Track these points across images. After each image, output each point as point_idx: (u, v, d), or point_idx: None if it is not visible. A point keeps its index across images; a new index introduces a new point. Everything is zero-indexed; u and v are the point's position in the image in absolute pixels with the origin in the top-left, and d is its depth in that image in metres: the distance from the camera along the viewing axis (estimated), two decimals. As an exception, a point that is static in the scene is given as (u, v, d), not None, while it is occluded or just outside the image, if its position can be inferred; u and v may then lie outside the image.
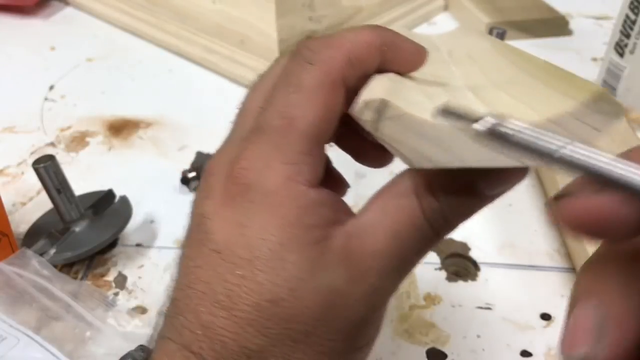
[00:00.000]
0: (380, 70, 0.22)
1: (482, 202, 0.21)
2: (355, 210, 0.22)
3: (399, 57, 0.23)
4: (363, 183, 0.47)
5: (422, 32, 0.70)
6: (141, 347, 0.24)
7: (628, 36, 0.47)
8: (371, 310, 0.21)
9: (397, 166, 0.22)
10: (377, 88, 0.21)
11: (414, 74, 0.23)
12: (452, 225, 0.21)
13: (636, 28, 0.45)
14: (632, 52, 0.46)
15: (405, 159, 0.19)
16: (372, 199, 0.22)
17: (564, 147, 0.14)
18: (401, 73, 0.23)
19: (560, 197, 0.15)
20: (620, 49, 0.47)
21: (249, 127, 0.22)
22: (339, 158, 0.26)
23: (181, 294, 0.21)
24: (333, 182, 0.26)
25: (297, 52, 0.22)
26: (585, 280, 0.16)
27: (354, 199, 0.46)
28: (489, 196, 0.21)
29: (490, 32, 0.53)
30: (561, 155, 0.14)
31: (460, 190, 0.20)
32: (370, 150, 0.26)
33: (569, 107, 0.18)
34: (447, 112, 0.17)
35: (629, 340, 0.14)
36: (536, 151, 0.15)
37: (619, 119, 0.18)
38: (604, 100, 0.18)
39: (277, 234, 0.20)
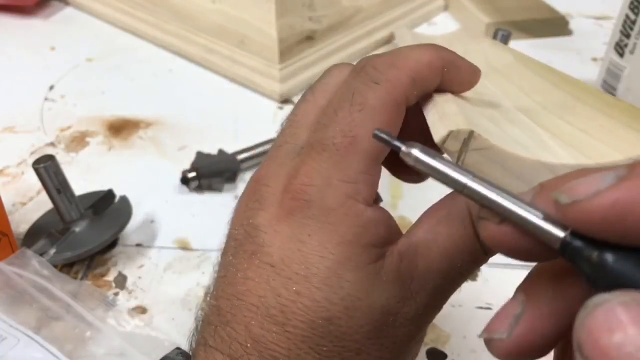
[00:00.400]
0: (439, 89, 0.23)
1: None
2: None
3: (458, 77, 0.23)
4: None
5: (423, 32, 0.70)
6: (179, 351, 0.24)
7: (628, 36, 0.47)
8: (419, 328, 0.22)
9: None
10: (452, 115, 0.21)
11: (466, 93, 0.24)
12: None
13: (636, 28, 0.45)
14: (632, 52, 0.46)
15: None
16: (424, 217, 0.22)
17: (469, 182, 0.16)
18: (455, 92, 0.23)
19: (480, 217, 0.17)
20: (620, 49, 0.47)
21: (306, 141, 0.22)
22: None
23: (228, 304, 0.21)
24: None
25: (361, 70, 0.22)
26: (523, 283, 0.18)
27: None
28: None
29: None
30: (468, 188, 0.16)
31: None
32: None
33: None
34: (378, 137, 0.18)
35: (537, 334, 0.17)
36: (450, 184, 0.17)
37: None
38: None
39: (335, 252, 0.20)
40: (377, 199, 0.26)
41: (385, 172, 0.26)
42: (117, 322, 0.36)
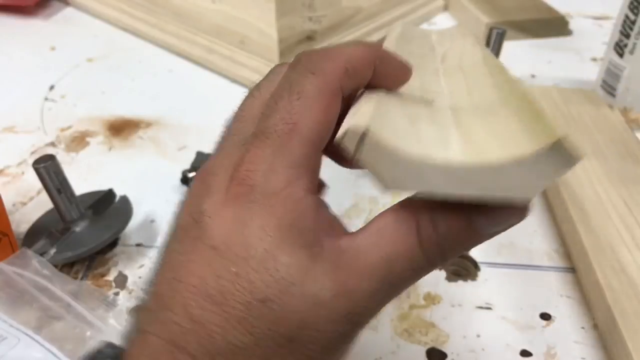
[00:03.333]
0: (372, 84, 0.24)
1: (479, 239, 0.22)
2: (354, 211, 0.22)
3: (389, 72, 0.24)
4: (362, 184, 0.47)
5: (424, 28, 0.70)
6: (109, 344, 0.24)
7: (628, 36, 0.47)
8: (353, 329, 0.22)
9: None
10: (363, 111, 0.22)
11: (404, 88, 0.25)
12: (445, 258, 0.22)
13: (636, 28, 0.45)
14: (631, 52, 0.46)
15: (380, 183, 0.20)
16: (375, 218, 0.22)
17: None
18: (390, 88, 0.24)
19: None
20: (620, 49, 0.47)
21: (251, 131, 0.23)
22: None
23: (167, 288, 0.21)
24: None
25: (298, 62, 0.23)
26: None
27: (354, 198, 0.46)
28: (485, 234, 0.21)
29: (491, 32, 0.53)
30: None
31: (460, 224, 0.21)
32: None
33: (527, 153, 0.19)
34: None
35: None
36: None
37: (566, 170, 0.19)
38: (561, 149, 0.19)
39: (273, 234, 0.20)
40: (322, 186, 0.27)
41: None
42: (118, 321, 0.36)
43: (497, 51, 0.55)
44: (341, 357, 0.23)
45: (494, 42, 0.54)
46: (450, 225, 0.21)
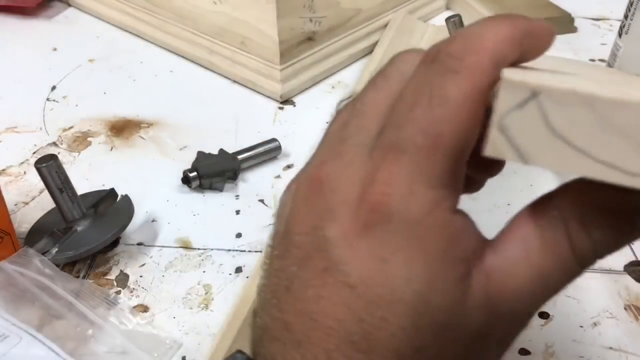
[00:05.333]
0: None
1: (635, 239, 0.19)
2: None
3: (536, 45, 0.20)
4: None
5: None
6: (245, 357, 0.22)
7: (627, 17, 0.48)
8: (504, 349, 0.20)
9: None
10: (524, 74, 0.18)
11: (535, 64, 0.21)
12: (598, 260, 0.19)
13: (632, 9, 0.47)
14: (627, 32, 0.47)
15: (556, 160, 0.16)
16: (512, 224, 0.20)
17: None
18: (530, 59, 0.20)
19: None
20: (621, 30, 0.49)
21: (379, 141, 0.19)
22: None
23: (297, 321, 0.19)
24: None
25: (435, 59, 0.19)
26: None
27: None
28: None
29: (447, 23, 0.53)
30: None
31: (619, 227, 0.18)
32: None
33: None
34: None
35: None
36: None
37: None
38: None
39: (423, 272, 0.18)
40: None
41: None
42: (119, 320, 0.36)
43: None
44: None
45: (456, 30, 0.54)
46: (607, 230, 0.18)
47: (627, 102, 0.15)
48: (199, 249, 0.43)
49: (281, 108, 0.58)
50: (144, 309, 0.38)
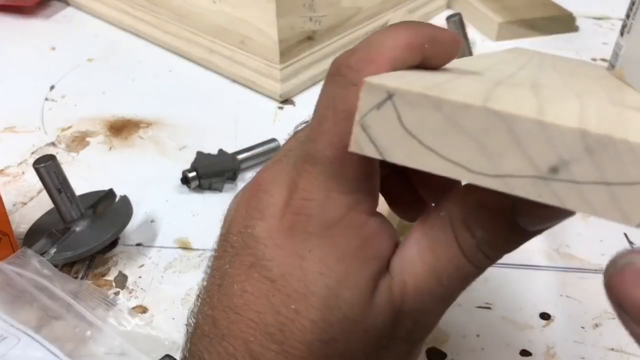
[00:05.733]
0: (420, 65, 0.21)
1: (525, 238, 0.20)
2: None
3: (439, 51, 0.21)
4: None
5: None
6: (169, 357, 0.23)
7: (628, 16, 0.48)
8: (414, 347, 0.21)
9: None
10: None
11: (452, 65, 0.22)
12: (494, 259, 0.20)
13: (634, 8, 0.47)
14: (629, 32, 0.47)
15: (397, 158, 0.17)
16: (412, 230, 0.21)
17: None
18: (439, 65, 0.22)
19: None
20: (622, 29, 0.49)
21: (299, 153, 0.21)
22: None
23: (223, 316, 0.20)
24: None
25: (336, 73, 0.20)
26: None
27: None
28: (531, 232, 0.19)
29: (448, 23, 0.54)
30: None
31: (499, 226, 0.19)
32: (407, 200, 0.25)
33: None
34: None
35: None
36: None
37: None
38: None
39: (335, 268, 0.19)
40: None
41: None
42: (118, 321, 0.36)
43: (463, 37, 0.56)
44: None
45: (457, 30, 0.54)
46: (487, 229, 0.19)
47: (469, 105, 0.15)
48: (198, 249, 0.43)
49: (281, 108, 0.58)
50: (143, 310, 0.38)
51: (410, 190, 0.25)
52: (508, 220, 0.19)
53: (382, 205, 0.26)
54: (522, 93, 0.17)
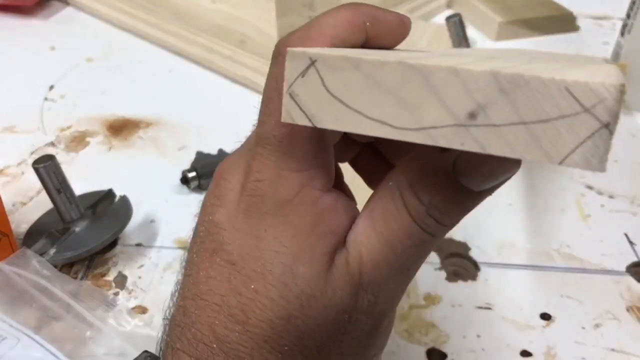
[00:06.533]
0: (368, 46, 0.21)
1: (474, 200, 0.19)
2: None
3: (384, 31, 0.21)
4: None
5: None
6: (148, 354, 0.23)
7: (629, 16, 0.49)
8: (378, 321, 0.21)
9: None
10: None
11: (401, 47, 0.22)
12: (446, 225, 0.20)
13: (635, 8, 0.47)
14: (629, 31, 0.48)
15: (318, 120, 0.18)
16: (365, 203, 0.21)
17: None
18: (388, 47, 0.22)
19: None
20: (623, 29, 0.49)
21: (254, 135, 0.21)
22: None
23: (192, 304, 0.21)
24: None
25: (278, 54, 0.20)
26: None
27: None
28: (478, 192, 0.19)
29: (448, 23, 0.54)
30: None
31: (444, 188, 0.19)
32: (383, 176, 0.25)
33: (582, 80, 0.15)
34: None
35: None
36: None
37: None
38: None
39: (289, 245, 0.20)
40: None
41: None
42: (117, 322, 0.36)
43: (463, 37, 0.56)
44: (379, 350, 0.22)
45: (457, 30, 0.54)
46: (433, 193, 0.19)
47: (385, 61, 0.16)
48: (198, 249, 0.43)
49: (281, 107, 0.58)
50: (143, 310, 0.38)
51: (384, 166, 0.25)
52: (452, 182, 0.19)
53: (361, 184, 0.26)
54: (447, 59, 0.17)
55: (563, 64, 0.19)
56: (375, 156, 0.25)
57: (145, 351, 0.23)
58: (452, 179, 0.19)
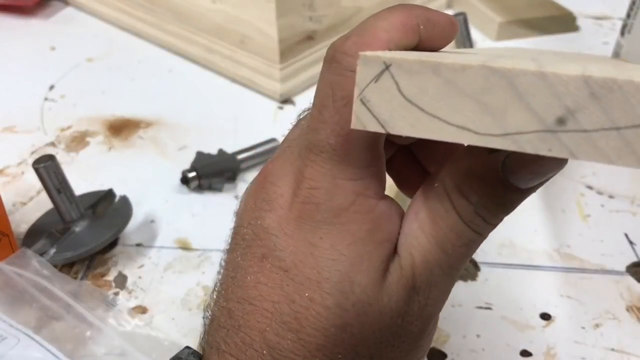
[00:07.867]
0: (418, 48, 0.21)
1: (520, 197, 0.20)
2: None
3: (436, 33, 0.21)
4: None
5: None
6: (191, 351, 0.23)
7: (629, 16, 0.49)
8: (427, 323, 0.21)
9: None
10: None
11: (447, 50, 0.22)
12: (493, 224, 0.20)
13: (635, 8, 0.47)
14: (629, 31, 0.48)
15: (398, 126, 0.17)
16: (410, 205, 0.21)
17: None
18: (435, 49, 0.22)
19: None
20: (623, 29, 0.49)
21: (304, 143, 0.21)
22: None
23: (239, 307, 0.21)
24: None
25: (332, 60, 0.20)
26: None
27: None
28: (525, 190, 0.19)
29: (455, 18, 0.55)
30: None
31: (492, 188, 0.19)
32: (416, 180, 0.25)
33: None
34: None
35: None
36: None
37: None
38: None
39: (347, 253, 0.20)
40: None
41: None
42: (118, 321, 0.36)
43: (466, 36, 0.56)
44: (425, 352, 0.23)
45: (461, 29, 0.55)
46: (481, 192, 0.19)
47: (468, 65, 0.15)
48: (198, 249, 0.43)
49: (281, 108, 0.58)
50: (143, 310, 0.38)
51: (418, 170, 0.25)
52: (500, 181, 0.19)
53: (391, 188, 0.26)
54: (522, 61, 0.17)
55: (616, 65, 0.19)
56: (409, 158, 0.25)
57: (187, 347, 0.23)
58: (501, 178, 0.19)
